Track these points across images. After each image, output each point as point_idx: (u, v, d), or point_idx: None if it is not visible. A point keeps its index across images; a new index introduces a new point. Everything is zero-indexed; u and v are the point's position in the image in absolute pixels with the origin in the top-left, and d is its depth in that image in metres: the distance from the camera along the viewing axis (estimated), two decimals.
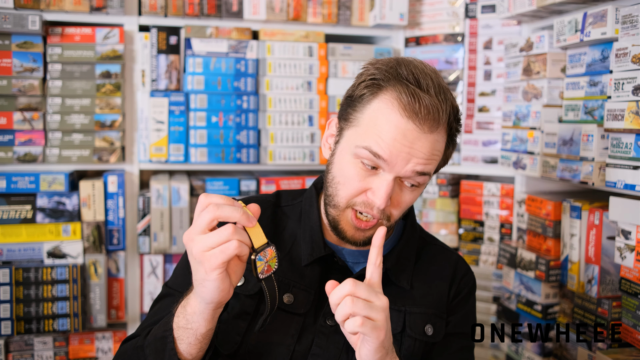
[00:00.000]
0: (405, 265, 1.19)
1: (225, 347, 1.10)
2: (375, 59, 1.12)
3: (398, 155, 1.02)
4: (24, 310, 1.84)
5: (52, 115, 1.91)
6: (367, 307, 0.92)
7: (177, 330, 0.98)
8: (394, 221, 1.11)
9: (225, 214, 0.90)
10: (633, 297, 1.38)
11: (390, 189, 1.04)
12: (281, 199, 1.25)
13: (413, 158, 1.03)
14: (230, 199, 0.93)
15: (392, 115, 1.03)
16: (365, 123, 1.06)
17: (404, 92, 1.02)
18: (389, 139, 1.02)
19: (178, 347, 0.98)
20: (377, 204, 1.04)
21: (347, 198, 1.07)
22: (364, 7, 2.15)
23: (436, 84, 1.05)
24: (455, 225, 2.16)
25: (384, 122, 1.03)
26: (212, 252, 0.89)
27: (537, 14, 1.80)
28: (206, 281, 0.91)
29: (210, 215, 0.89)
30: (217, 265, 0.89)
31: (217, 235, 0.89)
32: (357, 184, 1.06)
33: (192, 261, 0.92)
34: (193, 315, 0.96)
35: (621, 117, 1.36)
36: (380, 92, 1.05)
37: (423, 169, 1.05)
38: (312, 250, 1.14)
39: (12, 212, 1.86)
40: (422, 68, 1.06)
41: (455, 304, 1.21)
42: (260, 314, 1.11)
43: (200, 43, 2.02)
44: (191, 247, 0.91)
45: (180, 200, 1.99)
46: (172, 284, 1.18)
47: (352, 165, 1.06)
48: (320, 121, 2.11)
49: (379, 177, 1.05)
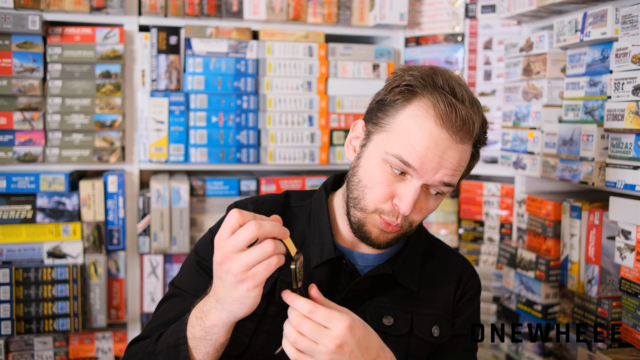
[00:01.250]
0: (412, 268, 1.19)
1: (233, 349, 1.10)
2: (407, 66, 1.12)
3: (428, 165, 1.02)
4: (24, 310, 1.84)
5: (52, 115, 1.91)
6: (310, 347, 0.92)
7: (192, 340, 0.98)
8: (415, 227, 1.12)
9: (267, 230, 0.89)
10: (633, 297, 1.38)
11: (416, 196, 1.04)
12: (290, 199, 1.25)
13: (442, 168, 1.03)
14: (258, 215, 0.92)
15: (427, 123, 1.03)
16: (398, 129, 1.05)
17: (441, 101, 1.02)
18: (422, 148, 1.02)
19: (193, 356, 0.98)
20: (402, 209, 1.04)
21: (375, 203, 1.07)
22: (364, 7, 2.15)
23: (470, 95, 1.06)
24: (455, 225, 2.16)
25: (417, 130, 1.03)
26: (256, 270, 0.88)
27: (537, 14, 1.80)
28: (246, 298, 0.90)
29: (252, 233, 0.88)
30: (261, 282, 0.89)
31: (260, 253, 0.88)
32: (384, 189, 1.06)
33: (230, 279, 0.90)
34: (214, 327, 0.95)
35: (621, 117, 1.36)
36: (414, 99, 1.05)
37: (450, 180, 1.05)
38: (321, 252, 1.14)
39: (12, 212, 1.86)
40: (457, 79, 1.07)
41: (460, 306, 1.22)
42: (269, 315, 1.11)
43: (200, 43, 2.02)
44: (230, 267, 0.89)
45: (180, 200, 1.99)
46: (180, 284, 1.17)
47: (381, 170, 1.06)
48: (320, 121, 2.11)
49: (407, 184, 1.05)
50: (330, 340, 0.91)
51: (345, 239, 1.18)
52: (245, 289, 0.89)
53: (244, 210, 1.10)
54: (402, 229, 1.09)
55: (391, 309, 1.15)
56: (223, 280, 0.91)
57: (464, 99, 1.04)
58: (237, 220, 0.90)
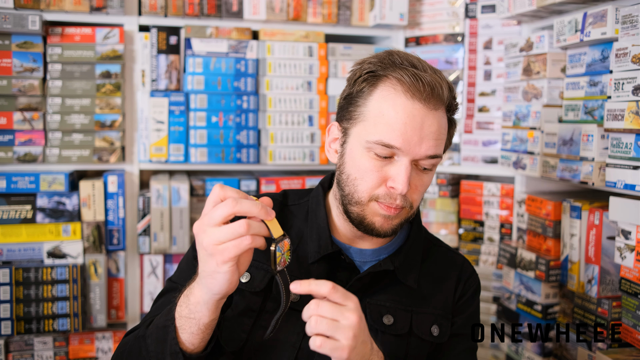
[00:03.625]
0: (412, 265, 1.19)
1: (231, 345, 1.10)
2: (361, 59, 1.15)
3: (411, 140, 1.04)
4: (24, 310, 1.84)
5: (52, 115, 1.91)
6: (332, 327, 0.91)
7: (179, 320, 0.98)
8: (415, 207, 1.13)
9: (245, 209, 0.89)
10: (633, 297, 1.38)
11: (409, 173, 1.05)
12: (288, 198, 1.26)
13: (424, 140, 1.05)
14: (242, 192, 0.92)
15: (397, 99, 1.05)
16: (372, 115, 1.07)
17: (405, 74, 1.04)
18: (399, 124, 1.04)
19: (180, 337, 0.98)
20: (399, 189, 1.05)
21: (369, 191, 1.08)
22: (364, 7, 2.15)
23: (430, 65, 1.09)
24: (455, 225, 2.16)
25: (390, 109, 1.05)
26: (225, 246, 0.88)
27: (537, 14, 1.80)
28: (216, 273, 0.91)
29: (228, 209, 0.89)
30: (229, 258, 0.89)
31: (231, 230, 0.88)
32: (375, 175, 1.07)
33: (202, 252, 0.91)
34: (197, 305, 0.96)
35: (621, 117, 1.36)
36: (379, 82, 1.08)
37: (435, 152, 1.07)
38: (319, 248, 1.15)
39: (12, 212, 1.86)
40: (413, 55, 1.10)
41: (460, 305, 1.22)
42: (266, 311, 1.12)
43: (200, 43, 2.02)
44: (202, 238, 0.90)
45: (180, 200, 1.99)
46: (177, 279, 1.18)
47: (366, 158, 1.07)
48: (320, 121, 2.11)
49: (396, 164, 1.06)
50: (351, 313, 0.92)
51: (342, 234, 1.18)
52: (214, 263, 0.90)
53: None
54: (404, 210, 1.10)
55: (391, 307, 1.15)
56: (199, 254, 0.93)
57: (425, 68, 1.07)
58: (218, 195, 0.91)
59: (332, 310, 0.92)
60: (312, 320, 0.92)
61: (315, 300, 0.93)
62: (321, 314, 0.92)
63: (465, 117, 2.10)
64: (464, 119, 2.10)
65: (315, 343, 0.91)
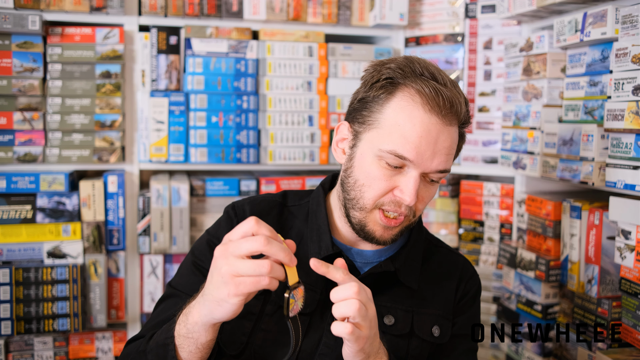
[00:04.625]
0: (413, 266, 1.19)
1: (231, 348, 1.10)
2: (379, 60, 1.12)
3: (424, 154, 1.03)
4: (24, 310, 1.84)
5: (52, 115, 1.91)
6: (363, 314, 0.92)
7: (178, 338, 0.98)
8: (418, 216, 1.13)
9: (273, 252, 0.88)
10: (633, 297, 1.38)
11: (417, 186, 1.05)
12: (288, 199, 1.25)
13: (437, 155, 1.04)
14: (274, 232, 0.91)
15: (415, 112, 1.03)
16: (387, 124, 1.05)
17: (425, 87, 1.03)
18: (415, 138, 1.03)
19: (179, 355, 0.98)
20: (406, 201, 1.05)
21: (374, 199, 1.08)
22: (364, 7, 2.15)
23: (449, 78, 1.07)
24: (455, 225, 2.16)
25: (407, 120, 1.04)
26: (243, 280, 0.88)
27: (537, 14, 1.80)
28: (224, 302, 0.90)
29: (258, 246, 0.88)
30: (243, 293, 0.89)
31: (253, 267, 0.87)
32: (383, 184, 1.06)
33: (217, 278, 0.90)
34: (195, 325, 0.95)
35: (621, 117, 1.36)
36: (397, 91, 1.06)
37: (445, 167, 1.07)
38: (319, 249, 1.14)
39: (12, 212, 1.86)
40: (432, 64, 1.08)
41: (461, 306, 1.22)
42: (265, 314, 1.12)
43: (200, 43, 2.02)
44: (222, 265, 0.89)
45: (180, 200, 1.99)
46: (177, 285, 1.17)
47: (376, 167, 1.06)
48: (320, 121, 2.11)
49: (406, 175, 1.06)
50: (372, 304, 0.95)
51: (343, 236, 1.18)
52: (226, 292, 0.89)
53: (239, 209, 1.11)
54: (406, 219, 1.10)
55: (392, 308, 1.15)
56: (212, 276, 0.92)
57: (445, 82, 1.05)
58: (252, 228, 0.90)
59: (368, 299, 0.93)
60: (353, 304, 0.91)
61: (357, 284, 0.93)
62: (362, 299, 0.92)
63: None
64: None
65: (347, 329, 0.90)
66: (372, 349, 0.98)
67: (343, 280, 0.94)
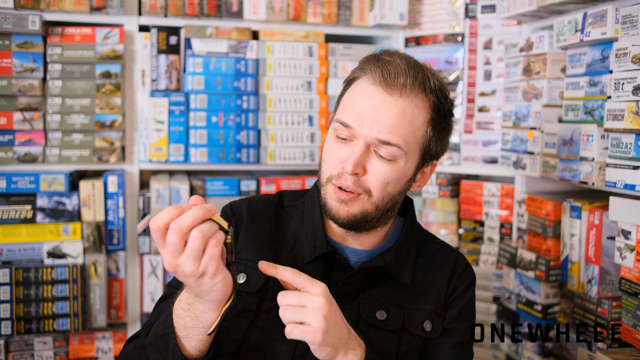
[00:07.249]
0: (405, 261, 1.19)
1: (228, 345, 1.10)
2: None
3: (364, 120, 1.07)
4: (24, 310, 1.84)
5: (52, 115, 1.91)
6: (299, 312, 0.97)
7: (184, 330, 0.98)
8: (376, 198, 1.10)
9: (188, 222, 0.86)
10: (633, 297, 1.38)
11: (358, 154, 1.07)
12: (284, 199, 1.27)
13: (377, 122, 1.07)
14: (175, 206, 0.89)
15: (362, 85, 1.11)
16: (342, 101, 1.15)
17: (373, 64, 1.10)
18: (356, 105, 1.09)
19: (183, 344, 0.99)
20: (346, 168, 1.07)
21: (327, 172, 1.12)
22: (364, 7, 2.15)
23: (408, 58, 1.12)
24: (455, 225, 2.16)
25: (355, 93, 1.11)
26: (203, 263, 0.88)
27: (537, 14, 1.80)
28: (216, 285, 0.91)
29: (177, 235, 0.86)
30: (216, 268, 0.89)
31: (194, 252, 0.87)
32: (334, 155, 1.11)
33: (189, 281, 0.90)
34: (204, 313, 0.95)
35: (621, 117, 1.36)
36: (357, 78, 1.14)
37: (387, 138, 1.07)
38: (314, 248, 1.15)
39: (12, 212, 1.86)
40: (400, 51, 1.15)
41: (453, 299, 1.22)
42: (262, 311, 1.12)
43: (200, 43, 2.03)
44: (180, 274, 0.89)
45: (180, 200, 1.99)
46: (176, 283, 1.18)
47: (331, 140, 1.13)
48: (320, 121, 2.11)
49: (351, 145, 1.10)
50: (317, 297, 0.98)
51: (337, 234, 1.19)
52: (207, 281, 0.90)
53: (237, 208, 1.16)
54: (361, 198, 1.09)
55: (384, 302, 1.16)
56: (188, 283, 0.92)
57: (398, 57, 1.11)
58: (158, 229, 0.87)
59: (297, 297, 0.98)
60: (280, 311, 0.97)
61: (281, 292, 0.99)
62: (287, 302, 0.98)
63: (465, 117, 2.10)
64: (464, 119, 2.10)
65: (286, 330, 0.97)
66: (340, 342, 0.99)
67: (292, 279, 0.99)
